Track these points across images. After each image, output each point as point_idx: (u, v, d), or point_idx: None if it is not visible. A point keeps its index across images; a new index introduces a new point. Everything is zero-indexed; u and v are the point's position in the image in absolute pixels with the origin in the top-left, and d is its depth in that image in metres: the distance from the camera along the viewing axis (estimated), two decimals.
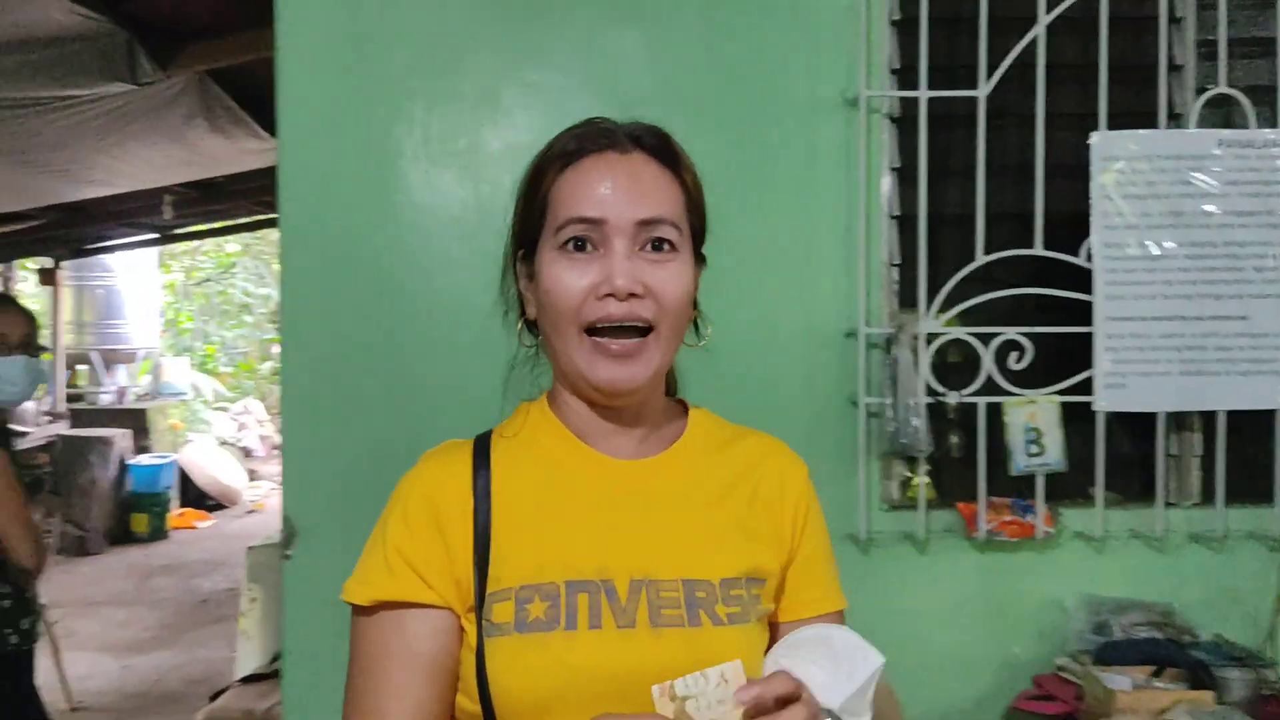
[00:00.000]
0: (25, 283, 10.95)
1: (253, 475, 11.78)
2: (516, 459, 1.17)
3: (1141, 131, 2.18)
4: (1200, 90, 2.27)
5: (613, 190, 1.09)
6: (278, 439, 15.13)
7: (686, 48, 2.24)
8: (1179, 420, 2.30)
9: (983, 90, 2.18)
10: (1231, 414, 2.24)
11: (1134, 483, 2.34)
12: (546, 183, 1.14)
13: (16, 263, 9.19)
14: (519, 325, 1.20)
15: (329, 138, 2.21)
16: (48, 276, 9.04)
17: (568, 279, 1.08)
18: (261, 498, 10.84)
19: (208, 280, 14.58)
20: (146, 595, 6.88)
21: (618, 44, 2.23)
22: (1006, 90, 2.21)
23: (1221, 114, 2.29)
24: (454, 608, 1.09)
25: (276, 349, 18.27)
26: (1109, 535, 2.26)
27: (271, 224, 9.76)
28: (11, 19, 3.46)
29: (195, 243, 13.34)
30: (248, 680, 3.75)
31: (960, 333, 2.18)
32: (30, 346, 2.78)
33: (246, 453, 13.01)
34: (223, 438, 12.20)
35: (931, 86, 2.18)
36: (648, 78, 2.23)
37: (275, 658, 3.93)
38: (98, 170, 5.20)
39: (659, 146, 1.14)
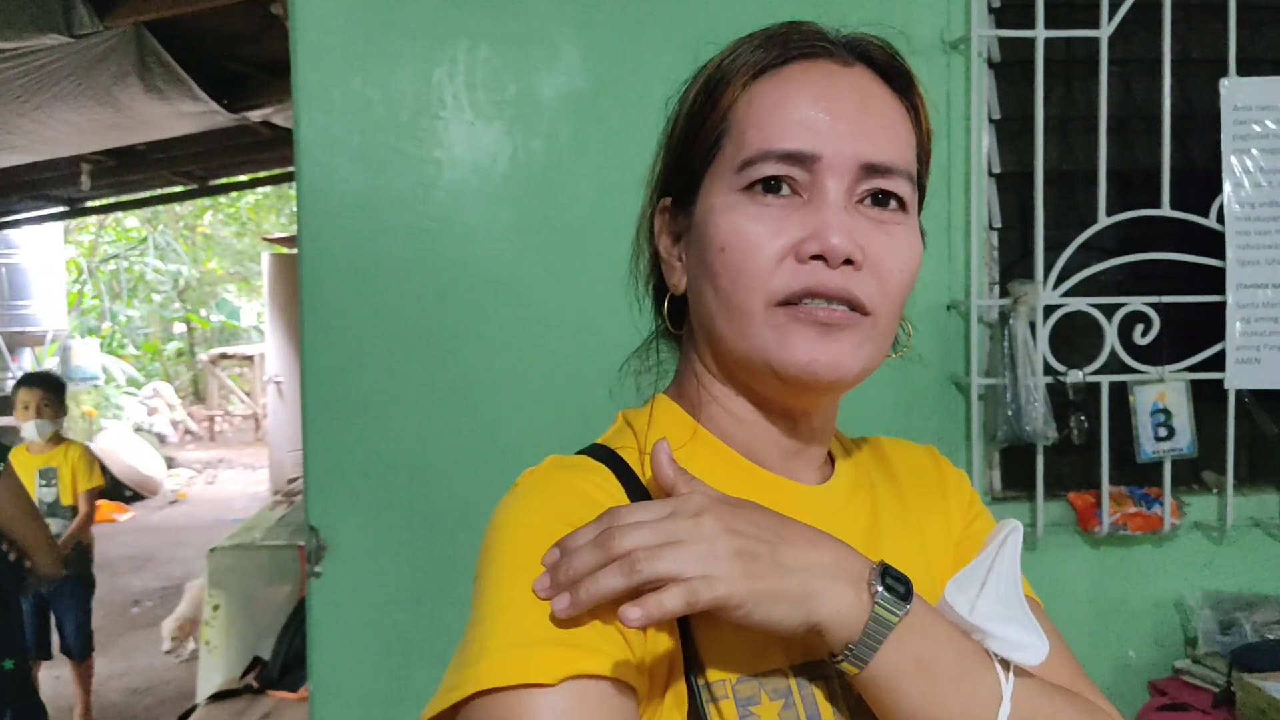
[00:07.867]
0: None
1: (170, 463, 11.22)
2: None
3: (1276, 78, 1.97)
4: None
5: (832, 115, 0.78)
6: (191, 424, 14.57)
7: None
8: None
9: (1105, 30, 1.93)
10: None
11: (1248, 465, 2.14)
12: (727, 99, 0.82)
13: None
14: (652, 302, 0.91)
15: (354, 85, 1.87)
16: None
17: (755, 233, 0.77)
18: (183, 487, 10.29)
19: (115, 257, 13.78)
20: None
21: None
22: (1122, 33, 1.98)
23: None
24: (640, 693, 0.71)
25: (180, 328, 17.58)
26: (1231, 525, 2.06)
27: (191, 195, 9.19)
28: None
29: (99, 217, 12.64)
30: (217, 697, 3.40)
31: (1083, 304, 1.95)
32: None
33: (160, 439, 12.43)
34: (137, 424, 11.60)
35: (1037, 26, 1.93)
36: (723, 17, 1.94)
37: (246, 670, 3.59)
38: (17, 135, 4.68)
39: (890, 65, 0.84)
